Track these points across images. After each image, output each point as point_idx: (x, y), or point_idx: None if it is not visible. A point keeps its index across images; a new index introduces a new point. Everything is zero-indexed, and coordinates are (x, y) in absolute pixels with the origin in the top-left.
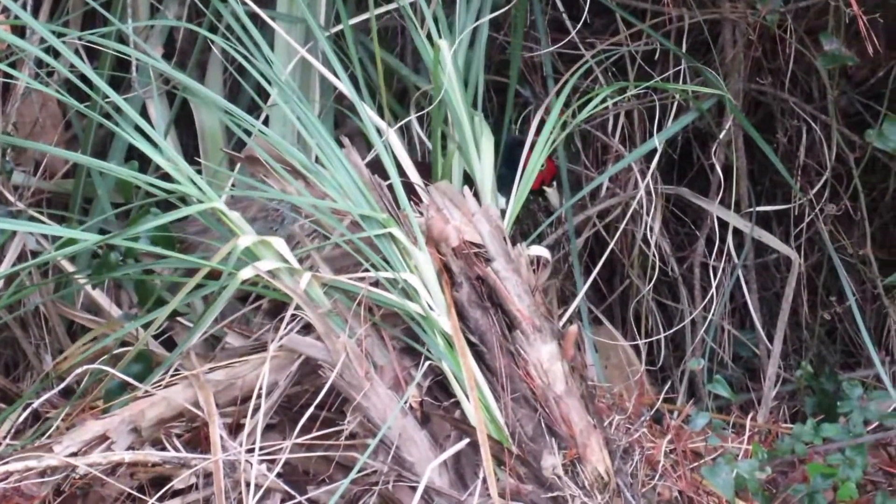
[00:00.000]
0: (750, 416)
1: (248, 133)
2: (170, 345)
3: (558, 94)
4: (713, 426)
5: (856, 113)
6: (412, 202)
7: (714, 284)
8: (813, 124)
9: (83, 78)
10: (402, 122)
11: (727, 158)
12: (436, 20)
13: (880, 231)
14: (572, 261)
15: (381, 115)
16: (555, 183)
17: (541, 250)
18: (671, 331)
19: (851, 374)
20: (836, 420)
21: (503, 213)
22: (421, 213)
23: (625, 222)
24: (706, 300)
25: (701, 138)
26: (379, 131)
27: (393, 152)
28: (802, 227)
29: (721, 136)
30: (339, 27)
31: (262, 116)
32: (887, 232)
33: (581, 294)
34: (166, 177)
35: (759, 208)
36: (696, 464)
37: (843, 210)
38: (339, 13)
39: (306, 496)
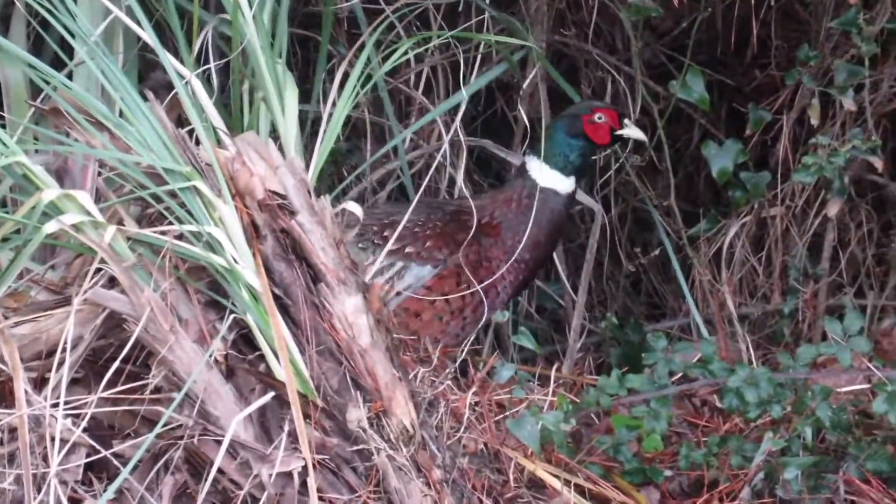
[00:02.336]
0: (555, 368)
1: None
2: None
3: (362, 47)
4: (518, 378)
5: (659, 64)
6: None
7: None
8: (617, 76)
9: None
10: (201, 69)
11: (532, 111)
12: None
13: (684, 182)
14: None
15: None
16: (626, 120)
17: (352, 205)
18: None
19: (656, 325)
20: (641, 371)
21: (571, 196)
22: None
23: (429, 175)
24: None
25: (505, 90)
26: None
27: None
28: (608, 178)
29: (525, 87)
30: None
31: (67, 70)
32: (691, 183)
33: (387, 247)
34: None
35: None
36: (501, 416)
37: (648, 161)
38: None
39: (111, 450)
